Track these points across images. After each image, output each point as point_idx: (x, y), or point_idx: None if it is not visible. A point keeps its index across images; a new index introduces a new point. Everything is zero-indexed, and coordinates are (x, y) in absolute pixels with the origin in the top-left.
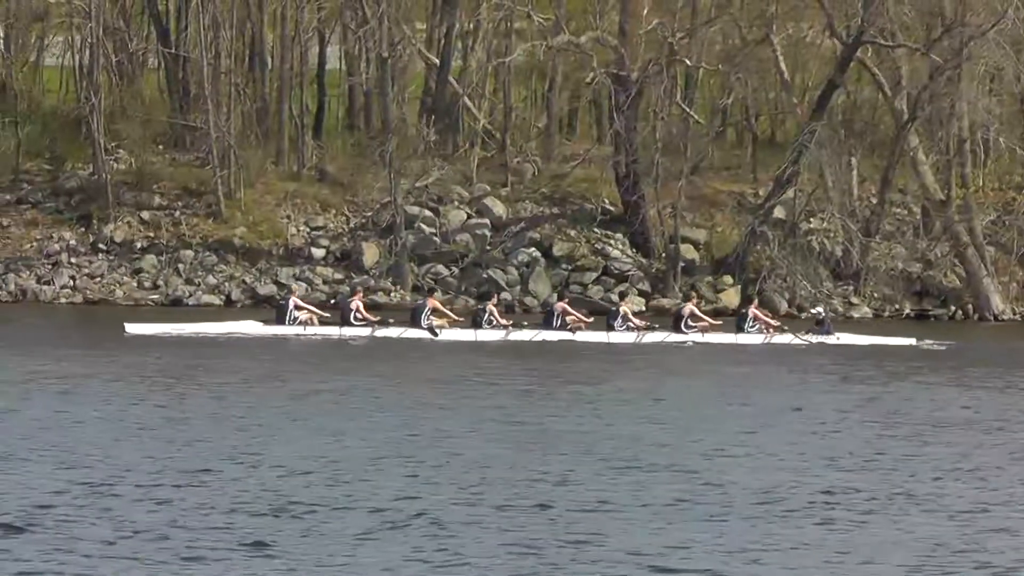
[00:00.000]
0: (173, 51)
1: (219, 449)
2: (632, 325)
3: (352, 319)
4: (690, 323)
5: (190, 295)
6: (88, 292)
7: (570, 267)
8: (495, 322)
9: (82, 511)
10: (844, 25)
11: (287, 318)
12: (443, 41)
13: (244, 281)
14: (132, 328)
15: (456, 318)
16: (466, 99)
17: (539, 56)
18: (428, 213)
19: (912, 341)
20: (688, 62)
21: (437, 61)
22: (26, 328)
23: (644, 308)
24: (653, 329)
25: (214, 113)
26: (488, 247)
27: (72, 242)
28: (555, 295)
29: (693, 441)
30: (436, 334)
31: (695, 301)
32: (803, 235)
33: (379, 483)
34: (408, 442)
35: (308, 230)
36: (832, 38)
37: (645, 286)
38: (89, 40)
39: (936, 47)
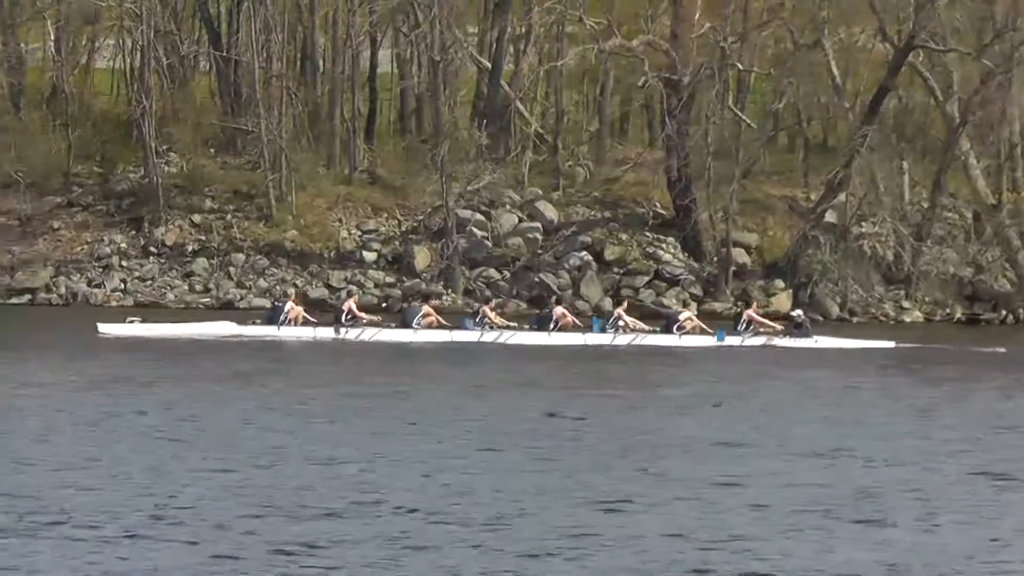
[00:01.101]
0: (224, 54)
1: (242, 452)
2: (623, 326)
3: (343, 320)
4: (683, 326)
5: (241, 298)
6: (139, 295)
7: (622, 271)
8: (488, 324)
9: (104, 513)
10: (896, 30)
11: (279, 320)
12: (495, 45)
13: (295, 284)
14: (105, 328)
15: (445, 323)
16: (518, 103)
17: (591, 60)
18: (480, 217)
19: (891, 344)
20: (740, 66)
21: (489, 65)
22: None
23: (696, 312)
24: (644, 331)
25: (265, 116)
26: (540, 251)
27: (123, 245)
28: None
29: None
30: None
31: (692, 308)
32: (854, 239)
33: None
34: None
35: (360, 233)
36: (884, 42)
37: (697, 290)
38: (140, 43)
39: (987, 52)
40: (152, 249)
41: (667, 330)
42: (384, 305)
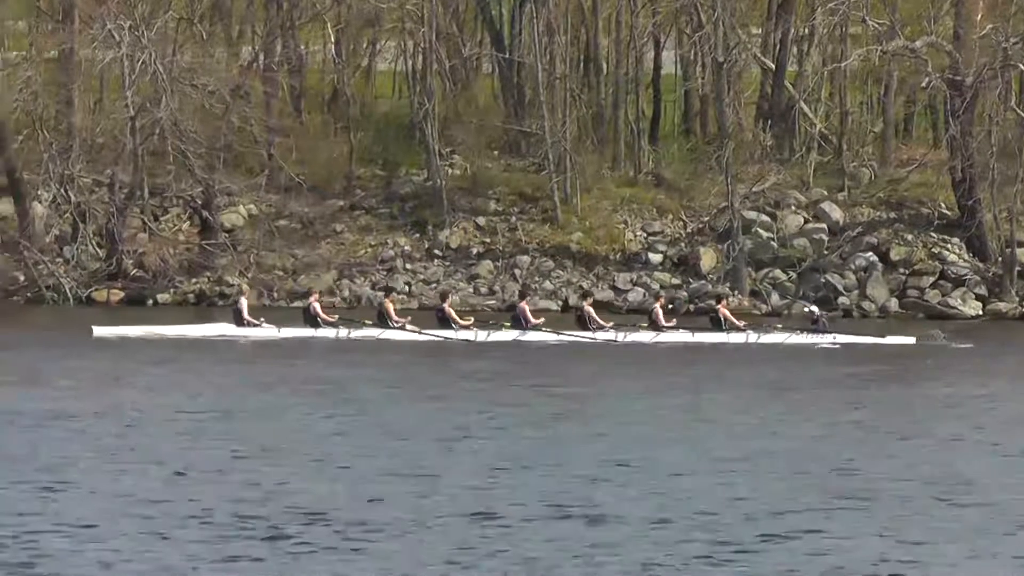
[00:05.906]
0: (507, 56)
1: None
2: (597, 324)
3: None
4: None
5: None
6: (424, 298)
7: (907, 271)
8: (455, 323)
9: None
10: None
11: (242, 320)
12: (778, 46)
13: (581, 286)
14: (99, 331)
15: (399, 320)
16: (802, 104)
17: (874, 61)
18: (765, 218)
19: (911, 340)
20: (1022, 67)
21: (773, 66)
22: None
23: (981, 312)
24: (604, 328)
25: (549, 119)
26: (825, 252)
27: (407, 248)
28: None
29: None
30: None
31: (662, 301)
32: None
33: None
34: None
35: (645, 235)
36: None
37: (982, 290)
38: (422, 45)
39: None
40: (436, 252)
41: (654, 326)
42: (671, 307)
